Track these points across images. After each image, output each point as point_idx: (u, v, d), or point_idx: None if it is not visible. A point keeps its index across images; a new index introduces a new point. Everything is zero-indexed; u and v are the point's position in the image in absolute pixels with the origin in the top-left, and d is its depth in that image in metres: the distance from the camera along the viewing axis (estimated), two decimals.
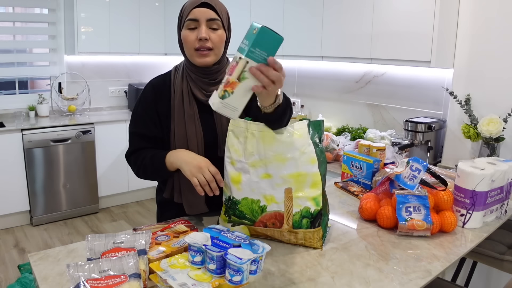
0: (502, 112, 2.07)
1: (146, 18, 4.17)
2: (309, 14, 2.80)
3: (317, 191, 1.15)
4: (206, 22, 1.23)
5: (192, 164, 1.18)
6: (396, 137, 2.60)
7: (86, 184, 3.79)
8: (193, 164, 1.18)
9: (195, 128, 1.29)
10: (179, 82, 1.32)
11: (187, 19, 1.23)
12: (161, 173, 1.29)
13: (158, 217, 1.48)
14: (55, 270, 1.03)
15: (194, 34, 1.23)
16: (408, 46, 2.26)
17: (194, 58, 1.27)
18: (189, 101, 1.30)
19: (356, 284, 1.02)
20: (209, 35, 1.23)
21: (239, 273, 0.88)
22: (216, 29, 1.25)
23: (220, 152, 1.27)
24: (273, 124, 1.13)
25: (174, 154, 1.24)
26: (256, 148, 1.14)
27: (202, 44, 1.23)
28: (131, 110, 4.37)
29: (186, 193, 1.31)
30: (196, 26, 1.23)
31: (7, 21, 3.74)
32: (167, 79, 1.35)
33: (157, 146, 1.34)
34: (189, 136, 1.29)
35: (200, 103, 1.31)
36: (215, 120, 1.32)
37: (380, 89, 2.82)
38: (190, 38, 1.24)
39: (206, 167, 1.17)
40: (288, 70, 3.58)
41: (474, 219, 1.37)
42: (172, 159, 1.23)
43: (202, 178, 1.16)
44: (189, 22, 1.23)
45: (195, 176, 1.16)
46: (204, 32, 1.22)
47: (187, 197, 1.31)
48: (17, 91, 3.91)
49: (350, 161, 1.74)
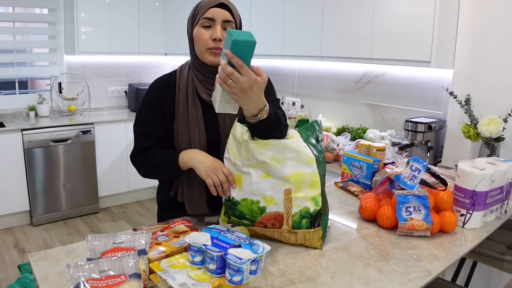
0: (502, 112, 2.07)
1: (146, 18, 4.17)
2: (309, 14, 2.80)
3: (316, 191, 1.15)
4: (222, 22, 1.24)
5: (206, 165, 1.20)
6: (396, 137, 2.60)
7: (86, 184, 3.79)
8: (208, 165, 1.19)
9: (198, 128, 1.29)
10: (184, 81, 1.31)
11: (202, 17, 1.23)
12: (173, 172, 1.29)
13: (159, 217, 1.49)
14: (55, 270, 1.03)
15: (208, 33, 1.24)
16: (408, 46, 2.26)
17: (205, 56, 1.26)
18: (194, 101, 1.30)
19: (356, 284, 1.02)
20: (222, 36, 1.23)
21: (239, 273, 0.88)
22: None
23: (222, 153, 1.28)
24: (258, 135, 1.14)
25: (188, 154, 1.25)
26: (251, 153, 1.14)
27: (216, 45, 1.24)
28: (131, 110, 4.37)
29: (190, 193, 1.32)
30: (210, 25, 1.24)
31: (7, 21, 3.74)
32: (172, 79, 1.35)
33: (163, 145, 1.34)
34: (192, 136, 1.29)
35: (204, 103, 1.31)
36: (218, 121, 1.32)
37: (380, 89, 2.82)
38: (204, 36, 1.24)
39: (220, 168, 1.19)
40: (288, 70, 3.58)
41: (474, 219, 1.37)
42: (186, 159, 1.24)
43: (216, 179, 1.17)
44: (204, 21, 1.23)
45: (210, 177, 1.18)
46: (219, 32, 1.23)
47: (190, 197, 1.32)
48: (17, 91, 3.91)
49: (350, 161, 1.74)
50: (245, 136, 1.15)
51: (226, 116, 1.31)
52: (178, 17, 4.12)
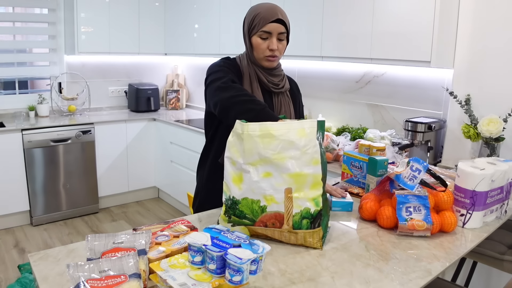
0: (502, 112, 2.07)
1: (146, 18, 4.17)
2: (309, 14, 2.80)
3: (317, 191, 1.15)
4: (277, 34, 1.45)
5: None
6: (396, 137, 2.60)
7: (86, 184, 3.79)
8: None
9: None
10: (246, 68, 1.52)
11: (261, 29, 1.44)
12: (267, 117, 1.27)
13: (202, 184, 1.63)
14: (55, 270, 1.03)
15: (266, 44, 1.46)
16: (408, 46, 2.26)
17: (262, 62, 1.50)
18: (257, 85, 1.52)
19: (356, 284, 1.02)
20: (277, 46, 1.46)
21: (239, 273, 0.88)
22: (282, 40, 1.48)
23: None
24: None
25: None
26: (255, 148, 1.14)
27: (272, 54, 1.47)
28: (131, 110, 4.38)
29: None
30: (267, 37, 1.45)
31: (7, 21, 3.74)
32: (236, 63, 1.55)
33: None
34: None
35: (263, 89, 1.53)
36: (274, 105, 1.55)
37: (380, 89, 2.82)
38: (263, 46, 1.46)
39: None
40: (288, 70, 3.57)
41: (474, 219, 1.37)
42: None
43: None
44: (263, 33, 1.45)
45: None
46: (275, 44, 1.45)
47: None
48: (17, 91, 3.91)
49: (350, 161, 1.74)
50: (248, 132, 1.15)
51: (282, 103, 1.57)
52: (178, 17, 4.13)
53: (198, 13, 3.87)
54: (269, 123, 1.15)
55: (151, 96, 4.30)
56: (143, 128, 4.08)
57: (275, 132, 1.14)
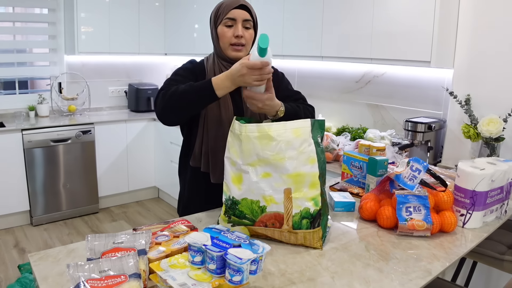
0: (502, 112, 2.07)
1: (146, 18, 4.17)
2: (309, 14, 2.80)
3: (315, 191, 1.15)
4: (242, 22, 1.42)
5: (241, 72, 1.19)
6: (396, 137, 2.60)
7: (86, 184, 3.79)
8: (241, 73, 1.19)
9: (227, 108, 1.43)
10: (211, 67, 1.47)
11: (225, 17, 1.40)
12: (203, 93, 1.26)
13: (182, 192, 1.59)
14: (55, 270, 1.03)
15: (230, 31, 1.41)
16: (408, 46, 2.26)
17: (228, 52, 1.43)
18: None
19: (356, 284, 1.02)
20: (243, 33, 1.41)
21: (239, 273, 0.88)
22: (248, 28, 1.44)
23: None
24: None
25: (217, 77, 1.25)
26: (253, 149, 1.14)
27: (238, 41, 1.41)
28: (131, 110, 4.37)
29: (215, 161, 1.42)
30: (232, 24, 1.41)
31: (7, 21, 3.74)
32: (201, 64, 1.51)
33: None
34: (223, 117, 1.42)
35: None
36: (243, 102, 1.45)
37: (380, 89, 2.82)
38: (227, 34, 1.41)
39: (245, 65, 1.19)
40: (288, 70, 3.57)
41: (474, 219, 1.37)
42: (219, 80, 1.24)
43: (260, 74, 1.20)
44: (227, 20, 1.41)
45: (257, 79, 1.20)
46: (241, 30, 1.41)
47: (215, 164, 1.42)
48: (17, 91, 3.91)
49: (350, 161, 1.74)
50: (246, 133, 1.15)
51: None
52: (178, 17, 4.12)
53: (198, 13, 3.86)
54: (266, 125, 1.16)
55: (151, 96, 4.30)
56: (143, 128, 4.08)
57: (273, 133, 1.15)
